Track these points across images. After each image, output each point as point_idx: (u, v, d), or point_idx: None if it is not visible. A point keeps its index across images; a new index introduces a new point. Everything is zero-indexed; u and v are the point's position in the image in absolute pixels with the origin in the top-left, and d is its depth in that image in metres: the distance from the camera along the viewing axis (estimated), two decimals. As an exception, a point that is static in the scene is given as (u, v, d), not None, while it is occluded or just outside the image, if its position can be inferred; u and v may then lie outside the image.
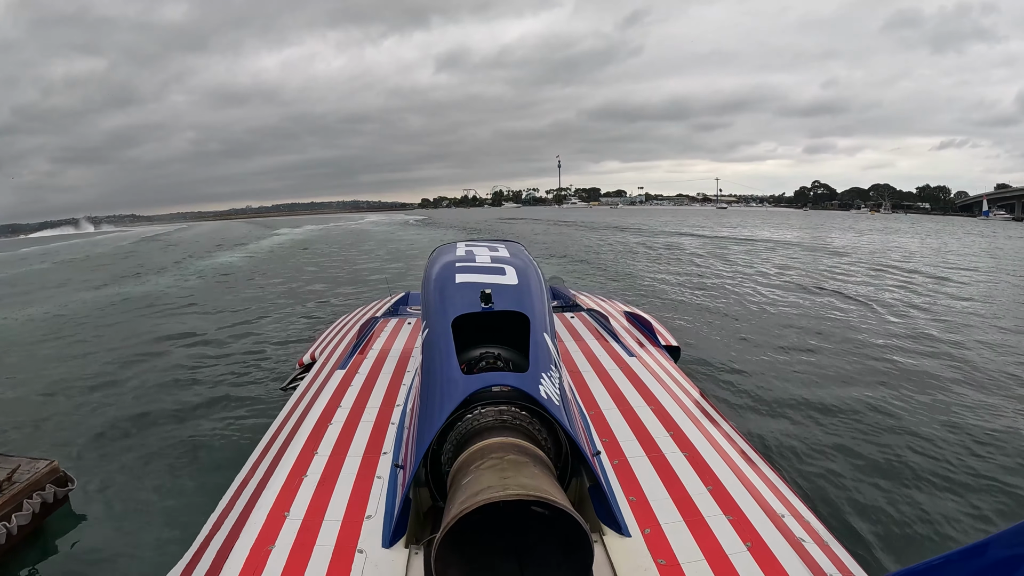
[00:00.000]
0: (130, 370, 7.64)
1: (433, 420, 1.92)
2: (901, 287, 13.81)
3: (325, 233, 44.50)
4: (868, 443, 4.85)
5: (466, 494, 1.49)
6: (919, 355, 7.62)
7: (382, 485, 2.12)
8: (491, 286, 2.51)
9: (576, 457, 1.98)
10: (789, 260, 20.05)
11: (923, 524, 3.74)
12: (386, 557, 1.75)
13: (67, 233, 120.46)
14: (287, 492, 2.09)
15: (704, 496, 1.96)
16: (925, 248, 26.56)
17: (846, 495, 4.05)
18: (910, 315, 10.38)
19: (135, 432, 5.43)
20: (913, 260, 20.36)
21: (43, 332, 10.84)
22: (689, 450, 2.28)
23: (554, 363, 2.22)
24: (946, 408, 5.65)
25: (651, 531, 1.80)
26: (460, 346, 2.29)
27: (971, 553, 0.97)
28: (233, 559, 1.74)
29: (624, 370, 3.17)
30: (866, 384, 6.37)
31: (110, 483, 4.45)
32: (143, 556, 3.52)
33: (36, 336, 10.53)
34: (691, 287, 13.63)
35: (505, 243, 3.46)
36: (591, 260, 20.30)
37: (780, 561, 1.63)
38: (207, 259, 24.96)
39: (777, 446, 4.81)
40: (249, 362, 7.56)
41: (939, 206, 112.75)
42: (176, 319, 11.30)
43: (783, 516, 1.87)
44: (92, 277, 20.24)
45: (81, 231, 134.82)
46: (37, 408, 6.29)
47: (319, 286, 15.28)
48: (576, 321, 4.13)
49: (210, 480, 4.24)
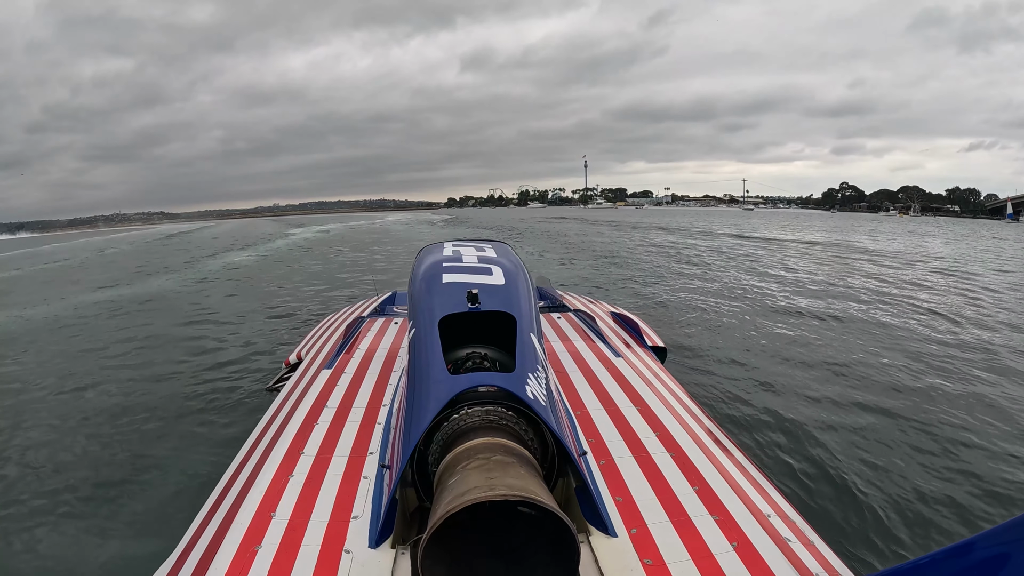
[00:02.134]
0: (112, 369, 7.53)
1: (419, 420, 1.91)
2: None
3: (324, 236, 42.86)
4: (858, 443, 4.91)
5: (452, 494, 1.48)
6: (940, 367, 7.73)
7: (368, 485, 2.11)
8: (478, 286, 2.50)
9: (562, 457, 1.98)
10: (806, 260, 20.32)
11: (912, 524, 3.79)
12: (373, 557, 1.74)
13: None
14: (273, 492, 2.07)
15: (690, 496, 1.97)
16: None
17: (833, 494, 4.09)
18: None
19: (116, 431, 5.33)
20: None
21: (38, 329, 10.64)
22: (675, 450, 2.29)
23: (541, 363, 2.22)
24: (940, 409, 5.74)
25: (637, 531, 1.80)
26: (447, 346, 2.28)
27: (957, 552, 0.98)
28: (219, 560, 1.73)
29: (611, 370, 3.18)
30: (861, 388, 6.46)
31: (86, 481, 4.36)
32: (125, 557, 3.46)
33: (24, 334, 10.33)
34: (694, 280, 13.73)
35: (492, 243, 3.46)
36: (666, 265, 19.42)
37: (766, 561, 1.63)
38: (215, 260, 24.67)
39: (761, 445, 4.85)
40: (235, 362, 7.47)
41: (969, 209, 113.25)
42: (164, 318, 11.15)
43: (769, 516, 1.88)
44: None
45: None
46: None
47: (318, 285, 15.18)
48: (563, 321, 4.14)
49: (195, 481, 4.19)
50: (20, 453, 4.97)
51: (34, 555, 3.58)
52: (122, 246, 39.53)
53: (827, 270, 17.53)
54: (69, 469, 4.63)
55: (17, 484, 4.44)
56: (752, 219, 68.06)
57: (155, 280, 17.84)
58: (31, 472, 4.63)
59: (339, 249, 28.29)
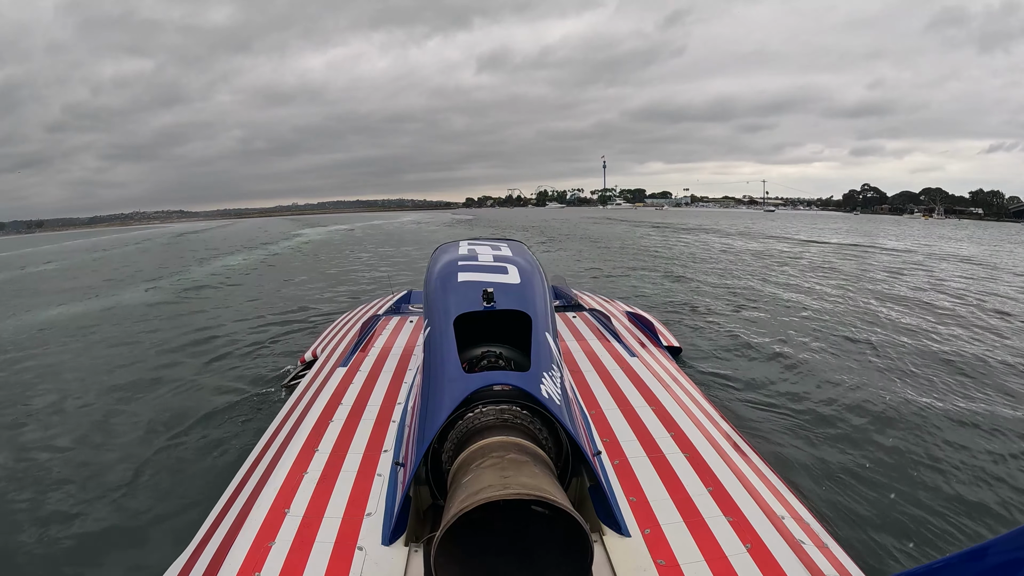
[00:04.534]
0: (131, 367, 7.68)
1: (434, 418, 1.93)
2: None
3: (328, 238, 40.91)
4: (873, 446, 4.81)
5: (466, 493, 1.50)
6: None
7: (382, 483, 2.13)
8: (493, 285, 2.51)
9: (577, 457, 1.99)
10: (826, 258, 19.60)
11: (927, 529, 3.71)
12: (386, 555, 1.75)
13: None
14: (288, 489, 2.11)
15: (704, 497, 1.97)
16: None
17: (848, 497, 4.02)
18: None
19: (131, 428, 5.44)
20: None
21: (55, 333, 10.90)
22: (689, 451, 2.28)
23: (555, 362, 2.23)
24: (968, 413, 5.56)
25: (651, 531, 1.80)
26: (462, 345, 2.30)
27: (971, 556, 0.97)
28: (233, 555, 1.75)
29: (625, 370, 3.18)
30: (876, 387, 6.30)
31: (103, 477, 4.45)
32: (140, 552, 3.52)
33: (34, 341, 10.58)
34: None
35: (508, 242, 3.46)
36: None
37: (779, 563, 1.63)
38: (222, 259, 24.73)
39: (778, 448, 4.79)
40: (251, 359, 7.57)
41: (992, 212, 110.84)
42: (180, 315, 11.34)
43: (783, 518, 1.87)
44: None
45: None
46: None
47: (330, 284, 15.29)
48: (578, 321, 4.14)
49: (210, 477, 4.23)
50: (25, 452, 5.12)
51: (49, 545, 3.66)
52: (125, 248, 37.93)
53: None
54: (73, 465, 4.74)
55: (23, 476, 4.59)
56: (786, 221, 64.28)
57: (166, 281, 18.10)
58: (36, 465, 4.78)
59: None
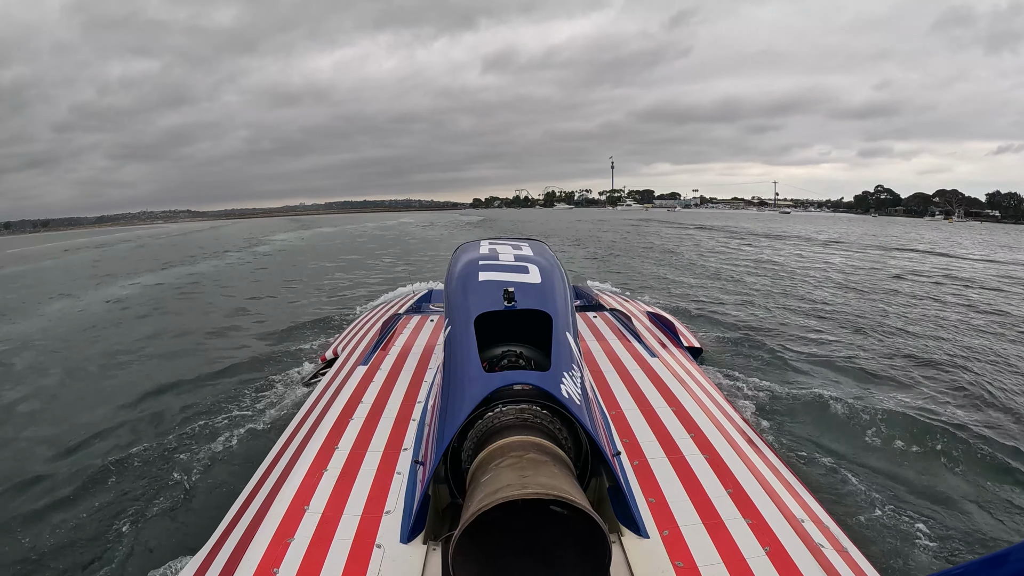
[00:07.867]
0: (150, 360, 7.92)
1: (454, 417, 1.95)
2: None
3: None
4: (898, 449, 4.71)
5: (485, 492, 1.52)
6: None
7: (401, 481, 2.16)
8: (514, 284, 2.52)
9: (596, 457, 2.00)
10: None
11: (951, 537, 3.63)
12: (404, 552, 1.78)
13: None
14: (307, 486, 2.15)
15: (723, 499, 1.96)
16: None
17: (869, 502, 3.95)
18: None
19: (153, 424, 5.58)
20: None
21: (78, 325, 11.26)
22: (709, 452, 2.28)
23: (576, 362, 2.24)
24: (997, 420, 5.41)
25: (669, 533, 1.81)
26: (482, 344, 2.32)
27: (990, 564, 0.96)
28: (253, 550, 1.79)
29: (646, 370, 3.17)
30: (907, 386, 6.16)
31: (128, 473, 4.56)
32: (160, 545, 3.52)
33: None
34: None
35: (529, 241, 3.47)
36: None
37: (799, 566, 1.62)
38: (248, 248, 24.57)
39: (797, 449, 4.71)
40: (272, 356, 7.71)
41: (1009, 214, 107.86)
42: (201, 311, 11.61)
43: (803, 521, 1.86)
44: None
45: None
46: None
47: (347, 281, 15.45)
48: (599, 321, 4.14)
49: (230, 473, 4.26)
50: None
51: (67, 533, 3.78)
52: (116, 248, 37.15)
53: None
54: (89, 457, 4.90)
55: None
56: (819, 224, 61.34)
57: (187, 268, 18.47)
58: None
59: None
